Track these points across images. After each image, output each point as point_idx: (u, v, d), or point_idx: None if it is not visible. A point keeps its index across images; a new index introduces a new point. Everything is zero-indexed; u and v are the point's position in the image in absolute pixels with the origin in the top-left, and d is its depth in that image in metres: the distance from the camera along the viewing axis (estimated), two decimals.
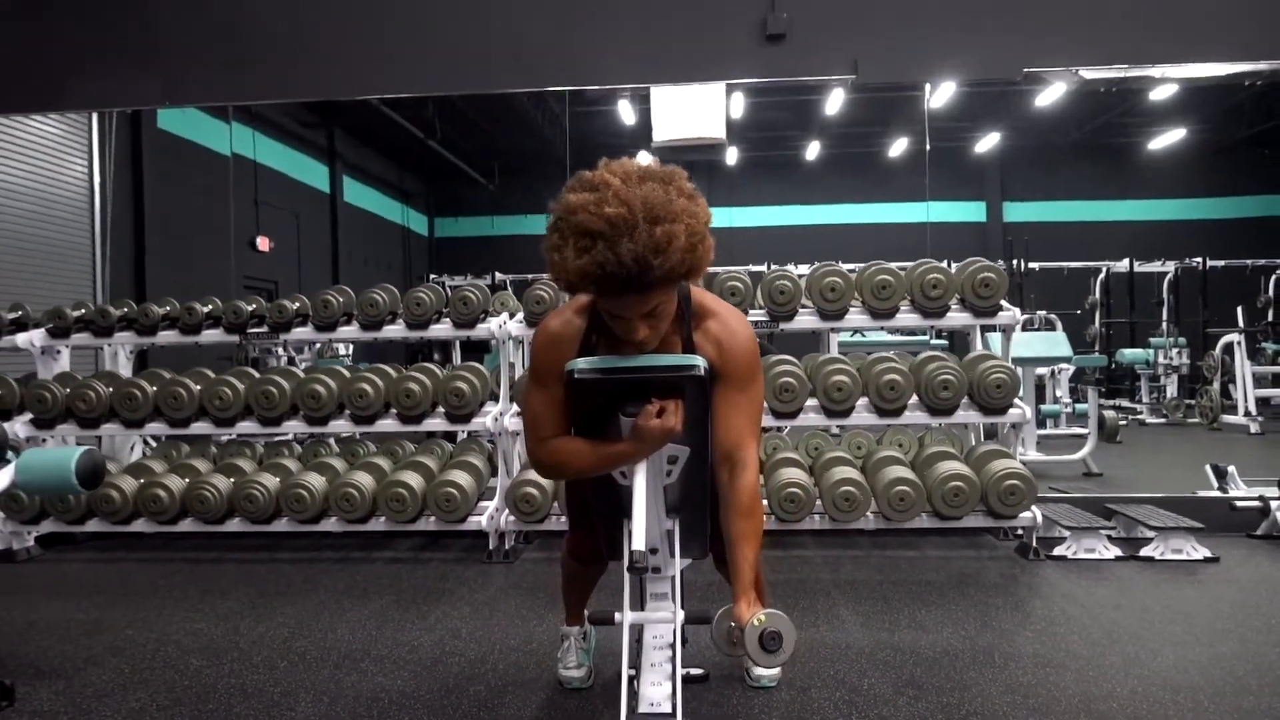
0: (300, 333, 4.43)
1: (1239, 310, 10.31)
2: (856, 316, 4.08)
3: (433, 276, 13.48)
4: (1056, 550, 3.75)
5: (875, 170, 16.83)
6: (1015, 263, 10.77)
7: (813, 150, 16.69)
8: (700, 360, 1.74)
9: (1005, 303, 4.02)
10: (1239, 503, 4.15)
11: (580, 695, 2.37)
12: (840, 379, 3.83)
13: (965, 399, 3.87)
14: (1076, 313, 11.65)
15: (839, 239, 15.23)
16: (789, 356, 4.04)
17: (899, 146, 16.02)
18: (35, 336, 4.48)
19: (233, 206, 10.54)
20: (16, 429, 4.15)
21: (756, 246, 14.62)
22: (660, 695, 1.84)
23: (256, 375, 4.26)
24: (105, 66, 4.37)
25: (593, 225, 1.51)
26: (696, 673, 2.28)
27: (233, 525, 4.03)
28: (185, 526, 4.05)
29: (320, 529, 4.00)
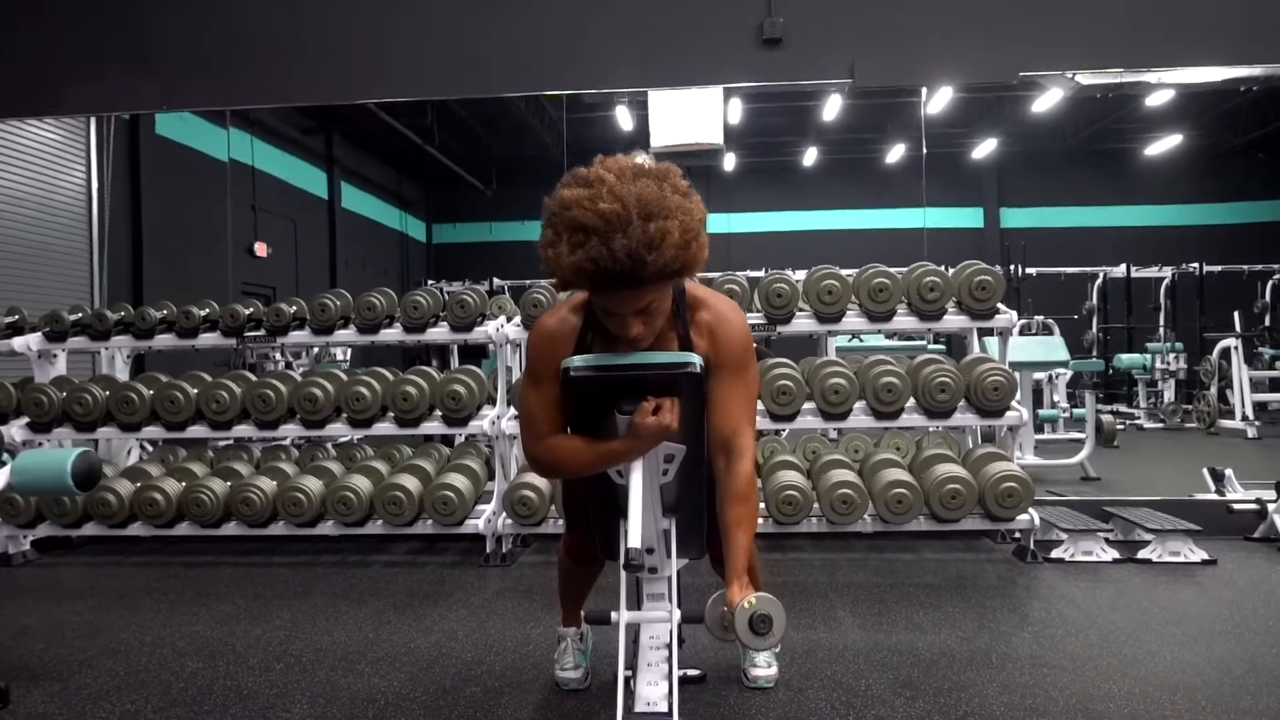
0: (297, 336, 4.41)
1: (1236, 315, 10.35)
2: (854, 319, 4.09)
3: (430, 282, 13.48)
4: (1054, 553, 3.75)
5: (873, 176, 16.85)
6: (1012, 268, 10.79)
7: (810, 156, 16.72)
8: (696, 358, 1.74)
9: (1002, 305, 4.03)
10: (1236, 506, 4.15)
11: (577, 696, 2.36)
12: (837, 381, 3.83)
13: (962, 401, 3.87)
14: (1074, 318, 11.66)
15: (837, 245, 15.22)
16: (786, 359, 4.05)
17: (896, 153, 16.05)
18: (32, 340, 4.48)
19: (230, 212, 10.54)
20: (13, 433, 4.15)
21: (754, 252, 14.62)
22: (657, 695, 1.84)
23: (253, 378, 4.25)
24: (104, 70, 4.37)
25: (587, 221, 1.51)
26: (693, 673, 2.28)
27: (229, 529, 4.02)
28: (182, 530, 4.04)
29: (317, 532, 4.00)
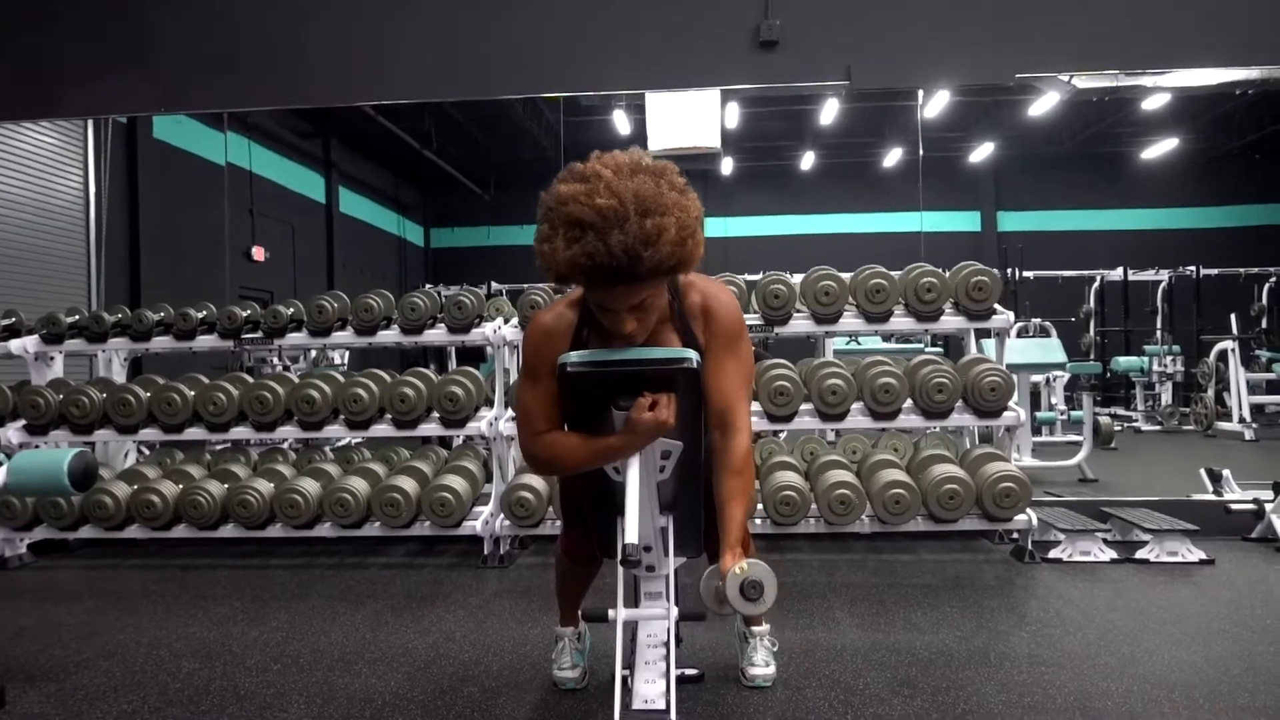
0: (295, 338, 4.40)
1: (1233, 318, 10.36)
2: (851, 320, 4.09)
3: (428, 286, 13.48)
4: (1052, 553, 3.74)
5: (870, 180, 16.88)
6: (1010, 271, 10.79)
7: (808, 160, 16.76)
8: (693, 354, 1.74)
9: (999, 306, 4.03)
10: (1233, 506, 4.15)
11: (575, 696, 2.36)
12: (835, 382, 3.83)
13: (960, 402, 3.87)
14: (1071, 320, 11.68)
15: (834, 249, 15.20)
16: (784, 360, 4.05)
17: (893, 157, 16.09)
18: (29, 343, 4.47)
19: (228, 217, 10.55)
20: (10, 435, 4.14)
21: (752, 256, 14.63)
22: (654, 693, 1.83)
23: (251, 380, 4.25)
24: (102, 72, 4.36)
25: (583, 216, 1.52)
26: (691, 673, 2.27)
27: (226, 531, 4.01)
28: (179, 533, 4.03)
29: (314, 534, 3.99)
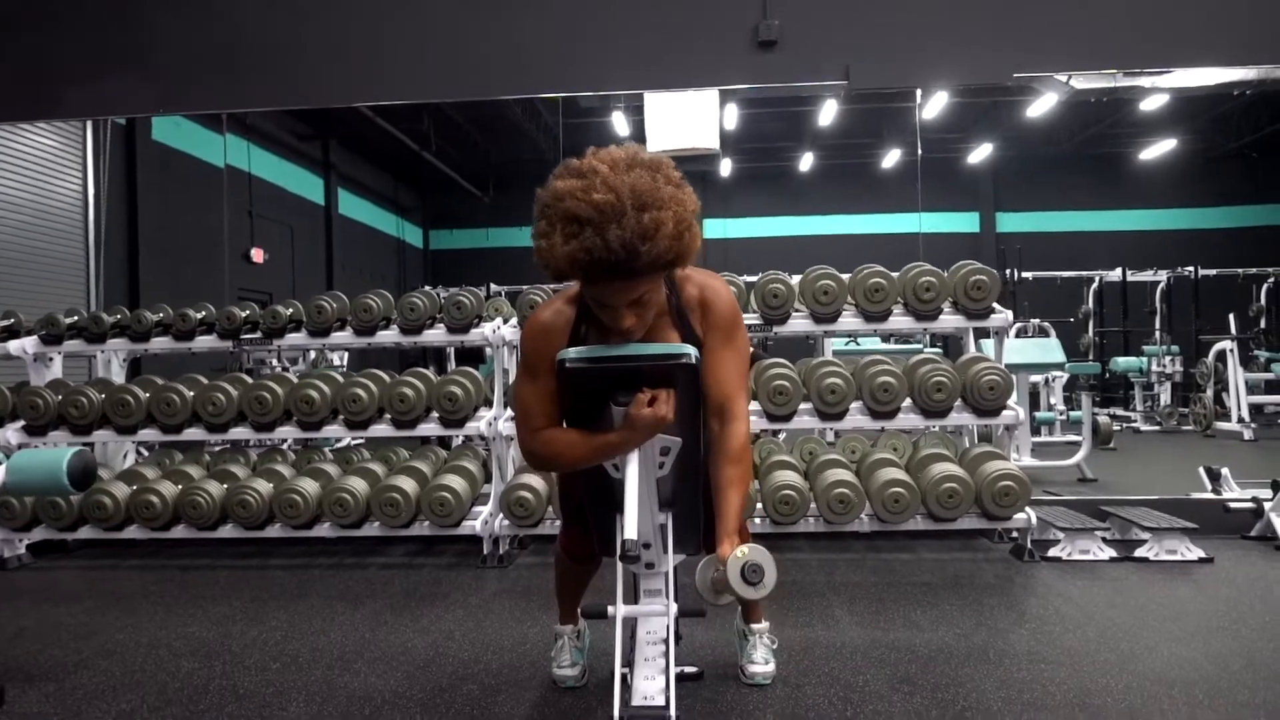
0: (294, 339, 4.40)
1: (1231, 318, 10.38)
2: (850, 320, 4.10)
3: (428, 288, 13.47)
4: (1051, 552, 3.74)
5: (869, 181, 16.90)
6: (1009, 272, 10.80)
7: (806, 161, 16.78)
8: (691, 350, 1.74)
9: (997, 305, 4.03)
10: (1232, 504, 4.16)
11: (574, 693, 2.36)
12: (834, 381, 3.83)
13: (959, 401, 3.87)
14: (1070, 321, 11.69)
15: (833, 250, 15.20)
16: (783, 360, 4.05)
17: (892, 158, 16.11)
18: (28, 344, 4.46)
19: (227, 218, 10.55)
20: (9, 436, 4.14)
21: (750, 257, 14.63)
22: (654, 689, 1.83)
23: (250, 381, 4.25)
24: (102, 74, 4.37)
25: (581, 211, 1.52)
26: (691, 670, 2.27)
27: (225, 531, 4.01)
28: (178, 533, 4.03)
29: (313, 534, 3.99)
